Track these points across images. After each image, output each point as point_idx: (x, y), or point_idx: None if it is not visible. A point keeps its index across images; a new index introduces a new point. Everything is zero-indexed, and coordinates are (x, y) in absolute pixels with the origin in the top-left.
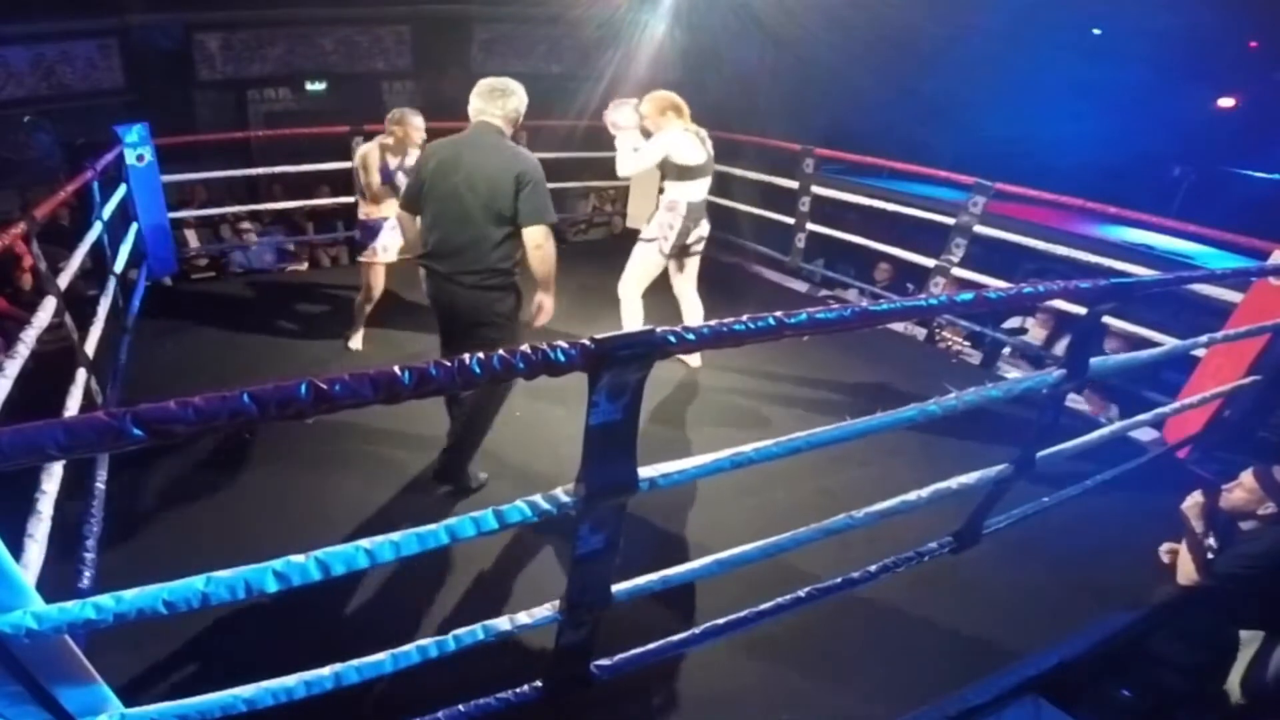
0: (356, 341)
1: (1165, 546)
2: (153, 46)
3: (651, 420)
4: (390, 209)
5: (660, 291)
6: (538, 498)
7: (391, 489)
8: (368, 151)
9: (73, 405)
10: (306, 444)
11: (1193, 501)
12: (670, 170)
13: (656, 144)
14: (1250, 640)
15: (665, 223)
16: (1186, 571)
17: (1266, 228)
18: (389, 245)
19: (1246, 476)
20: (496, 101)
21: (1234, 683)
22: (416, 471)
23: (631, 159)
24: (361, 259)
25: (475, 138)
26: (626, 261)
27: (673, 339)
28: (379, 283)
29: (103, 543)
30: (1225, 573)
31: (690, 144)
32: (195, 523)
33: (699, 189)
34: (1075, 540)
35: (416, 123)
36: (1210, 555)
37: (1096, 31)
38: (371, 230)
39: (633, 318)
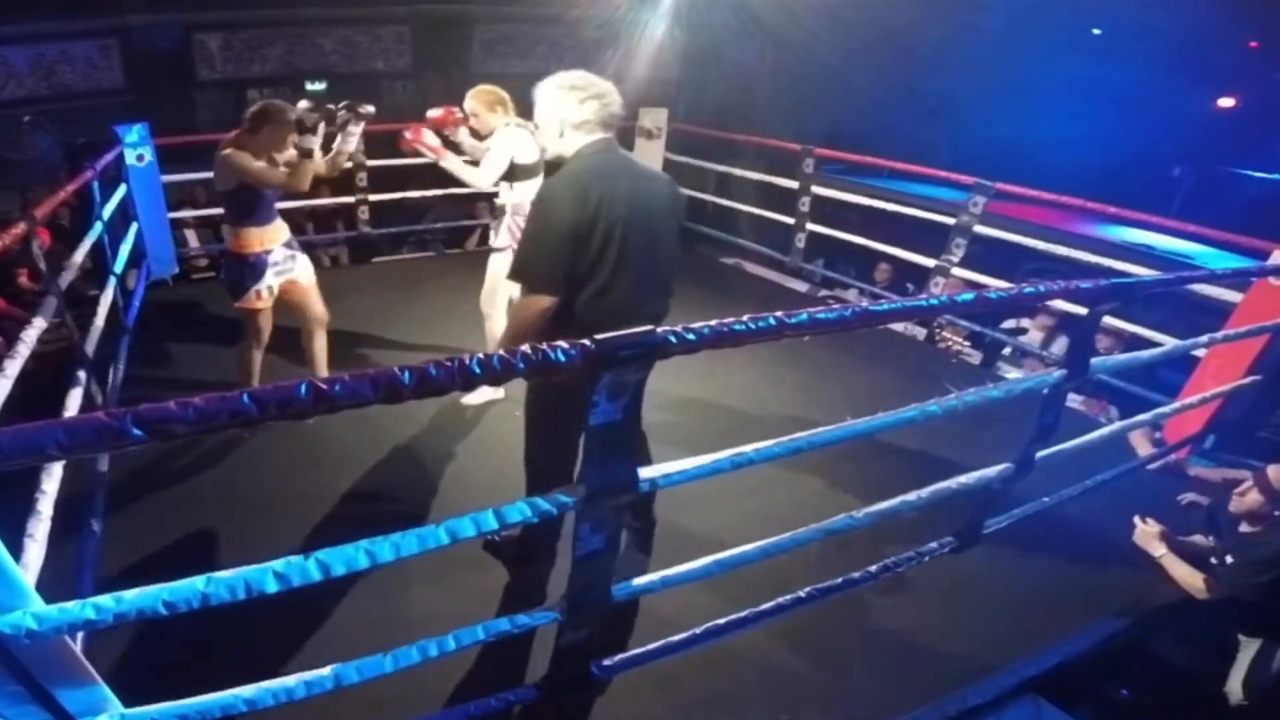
0: None
1: (1140, 530)
2: (153, 46)
3: (651, 420)
4: (275, 237)
5: None
6: (538, 498)
7: (392, 489)
8: (234, 154)
9: (73, 405)
10: (306, 444)
11: (1144, 531)
12: (514, 171)
13: (505, 146)
14: (1250, 641)
15: (517, 227)
16: (1191, 585)
17: (1266, 228)
18: (274, 284)
19: (1268, 475)
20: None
21: (1235, 684)
22: (416, 471)
23: (486, 168)
24: (242, 305)
25: (624, 160)
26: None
27: (673, 339)
28: (269, 325)
29: (103, 543)
30: (1249, 583)
31: (527, 141)
32: (195, 523)
33: (534, 188)
34: (1075, 540)
35: (288, 118)
36: (1215, 561)
37: (1096, 31)
38: (254, 267)
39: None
